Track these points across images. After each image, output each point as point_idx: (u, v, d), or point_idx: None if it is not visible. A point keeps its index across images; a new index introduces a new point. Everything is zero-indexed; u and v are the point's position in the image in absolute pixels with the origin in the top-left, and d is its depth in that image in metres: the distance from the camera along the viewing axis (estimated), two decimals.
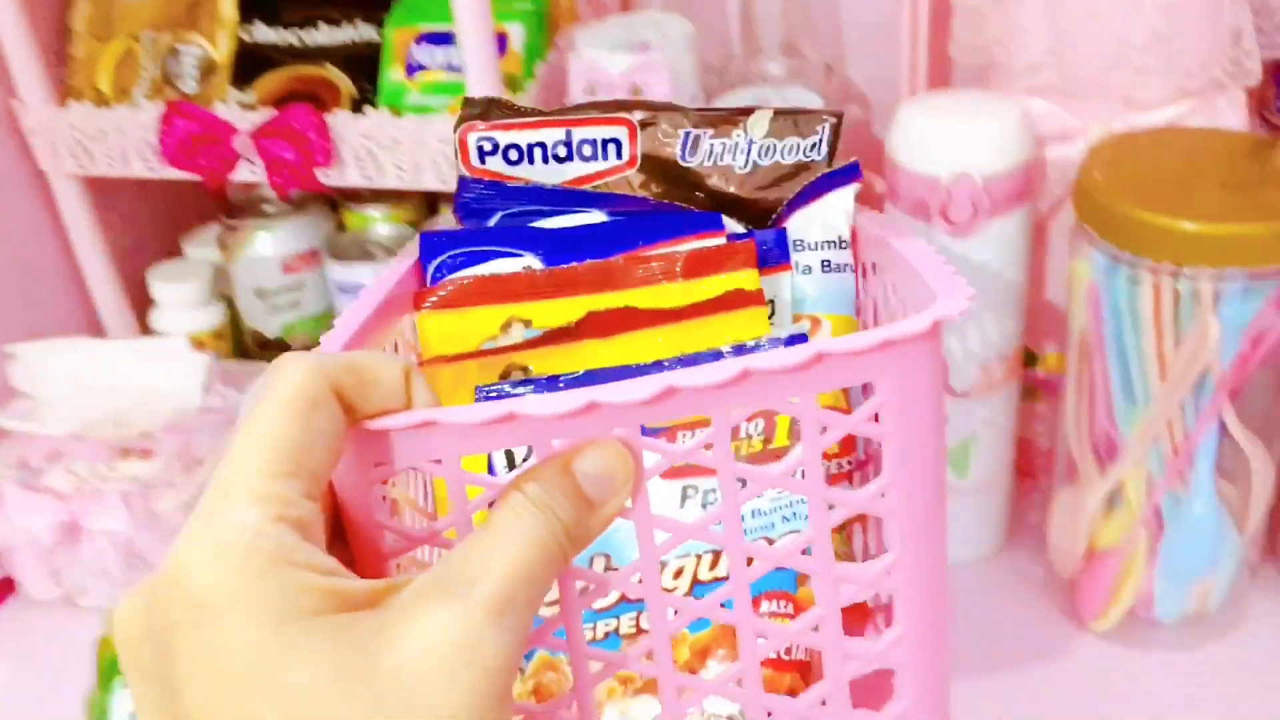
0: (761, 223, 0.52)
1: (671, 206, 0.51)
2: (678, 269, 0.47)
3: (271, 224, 0.85)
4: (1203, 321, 0.59)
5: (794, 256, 0.50)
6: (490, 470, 0.45)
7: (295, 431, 0.30)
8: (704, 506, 0.43)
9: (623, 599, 0.42)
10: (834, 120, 0.51)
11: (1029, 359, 0.75)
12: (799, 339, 0.38)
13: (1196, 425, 0.62)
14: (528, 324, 0.46)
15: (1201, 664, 0.69)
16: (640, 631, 0.42)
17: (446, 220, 0.79)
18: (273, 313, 0.86)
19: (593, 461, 0.33)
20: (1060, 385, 0.72)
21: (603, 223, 0.49)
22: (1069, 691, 0.68)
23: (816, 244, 0.50)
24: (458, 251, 0.48)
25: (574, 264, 0.47)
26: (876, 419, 0.35)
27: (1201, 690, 0.67)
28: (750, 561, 0.36)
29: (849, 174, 0.50)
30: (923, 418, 0.35)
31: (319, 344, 0.41)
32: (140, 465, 0.74)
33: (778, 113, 0.51)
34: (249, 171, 0.77)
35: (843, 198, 0.50)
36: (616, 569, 0.41)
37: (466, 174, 0.50)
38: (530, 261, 0.49)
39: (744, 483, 0.35)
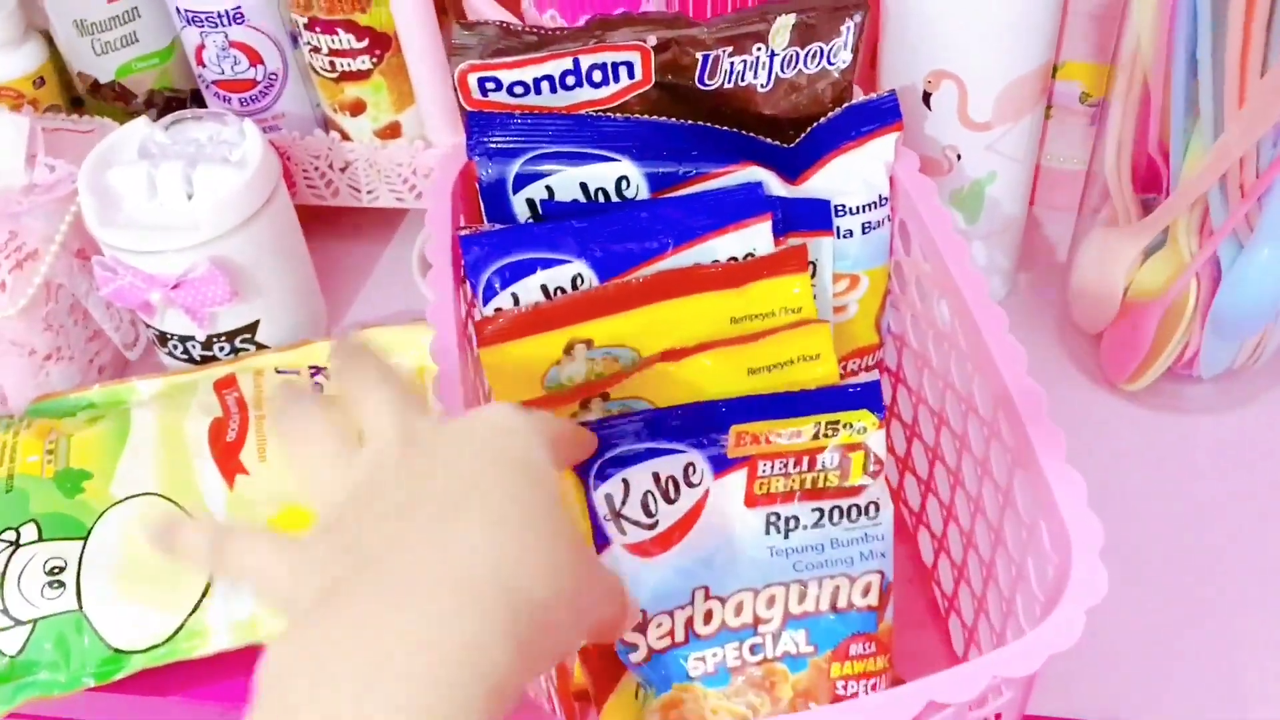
0: (786, 133, 0.51)
1: (695, 133, 0.50)
2: (730, 277, 0.48)
3: None
4: None
5: (836, 221, 0.50)
6: None
7: None
8: (786, 536, 0.44)
9: (723, 627, 0.43)
10: (859, 16, 0.50)
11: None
12: (870, 392, 0.44)
13: (1273, 163, 0.50)
14: (589, 344, 0.47)
15: (1245, 423, 0.61)
16: (745, 664, 0.43)
17: None
18: (103, 51, 0.68)
19: None
20: (1100, 108, 0.60)
21: (644, 212, 0.48)
22: (1095, 458, 0.59)
23: (858, 207, 0.50)
24: (504, 263, 0.48)
25: (627, 278, 0.48)
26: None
27: (1243, 452, 0.59)
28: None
29: (889, 115, 0.50)
30: None
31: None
32: None
33: (800, 20, 0.49)
34: None
35: (884, 147, 0.50)
36: (720, 599, 0.43)
37: (469, 108, 0.49)
38: (580, 269, 0.48)
39: None
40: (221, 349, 0.64)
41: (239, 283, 0.61)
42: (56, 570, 0.55)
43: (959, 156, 0.59)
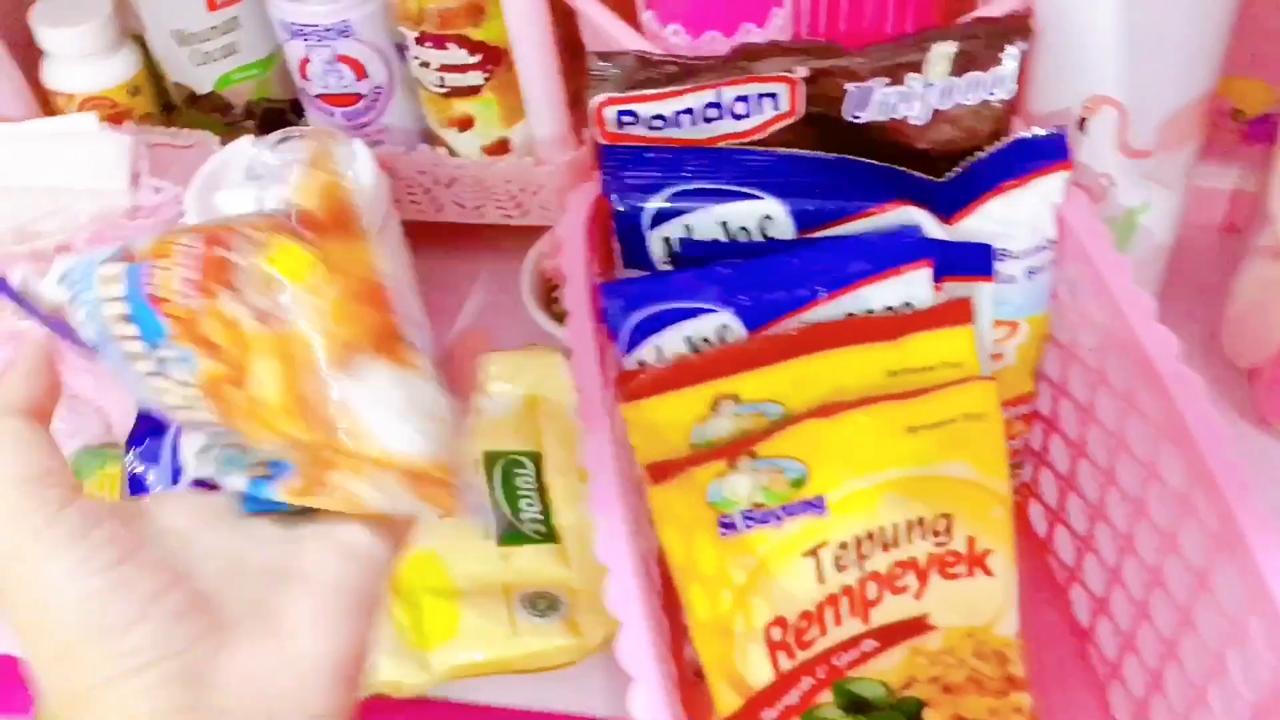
0: (938, 167, 0.48)
1: (844, 167, 0.47)
2: (888, 329, 0.45)
3: None
4: None
5: (997, 266, 0.47)
6: None
7: None
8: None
9: None
10: (1025, 42, 0.47)
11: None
12: None
13: None
14: (736, 399, 0.45)
15: None
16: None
17: None
18: (203, 62, 0.66)
19: None
20: (1254, 127, 0.56)
21: (793, 255, 0.45)
22: None
23: (1023, 252, 0.47)
24: (646, 314, 0.45)
25: (776, 329, 0.45)
26: None
27: None
28: None
29: (1056, 153, 0.46)
30: None
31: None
32: None
33: (959, 50, 0.46)
34: None
35: (1051, 187, 0.46)
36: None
37: (605, 141, 0.47)
38: (726, 319, 0.45)
39: None
40: None
41: None
42: None
43: (1113, 184, 0.55)
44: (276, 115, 0.69)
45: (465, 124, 0.63)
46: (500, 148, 0.64)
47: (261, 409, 0.30)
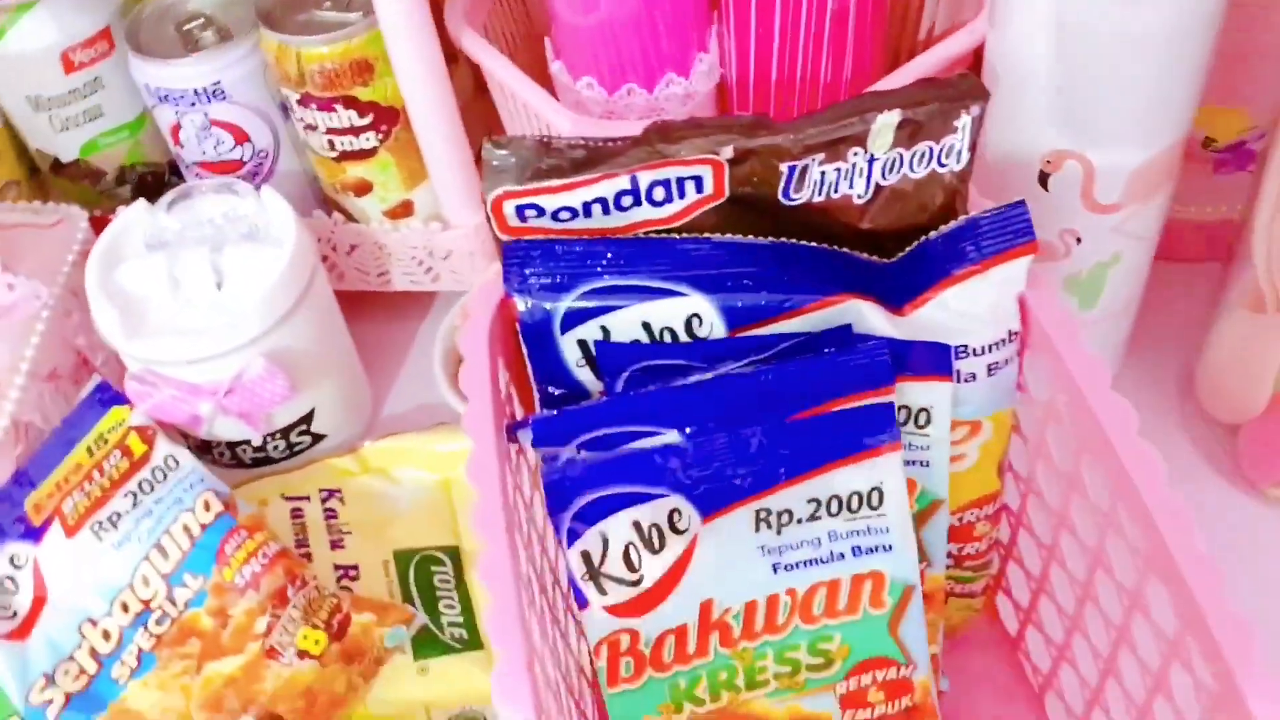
0: (889, 247, 0.43)
1: (780, 254, 0.42)
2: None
3: None
4: None
5: (957, 365, 0.42)
6: None
7: None
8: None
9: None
10: (979, 107, 0.41)
11: None
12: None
13: None
14: None
15: None
16: None
17: None
18: (64, 128, 0.59)
19: None
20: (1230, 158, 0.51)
21: (753, 433, 0.40)
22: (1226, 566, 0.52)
23: (984, 348, 0.42)
24: (590, 499, 0.40)
25: None
26: None
27: None
28: None
29: (1019, 232, 0.40)
30: None
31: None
32: None
33: (905, 119, 0.40)
34: None
35: (1013, 273, 0.41)
36: None
37: (504, 237, 0.42)
38: (677, 504, 0.40)
39: None
40: (276, 448, 0.56)
41: (293, 374, 0.53)
42: None
43: (1079, 240, 0.50)
44: (155, 180, 0.62)
45: (362, 189, 0.57)
46: (403, 210, 0.58)
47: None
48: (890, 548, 0.41)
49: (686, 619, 0.40)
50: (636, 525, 0.39)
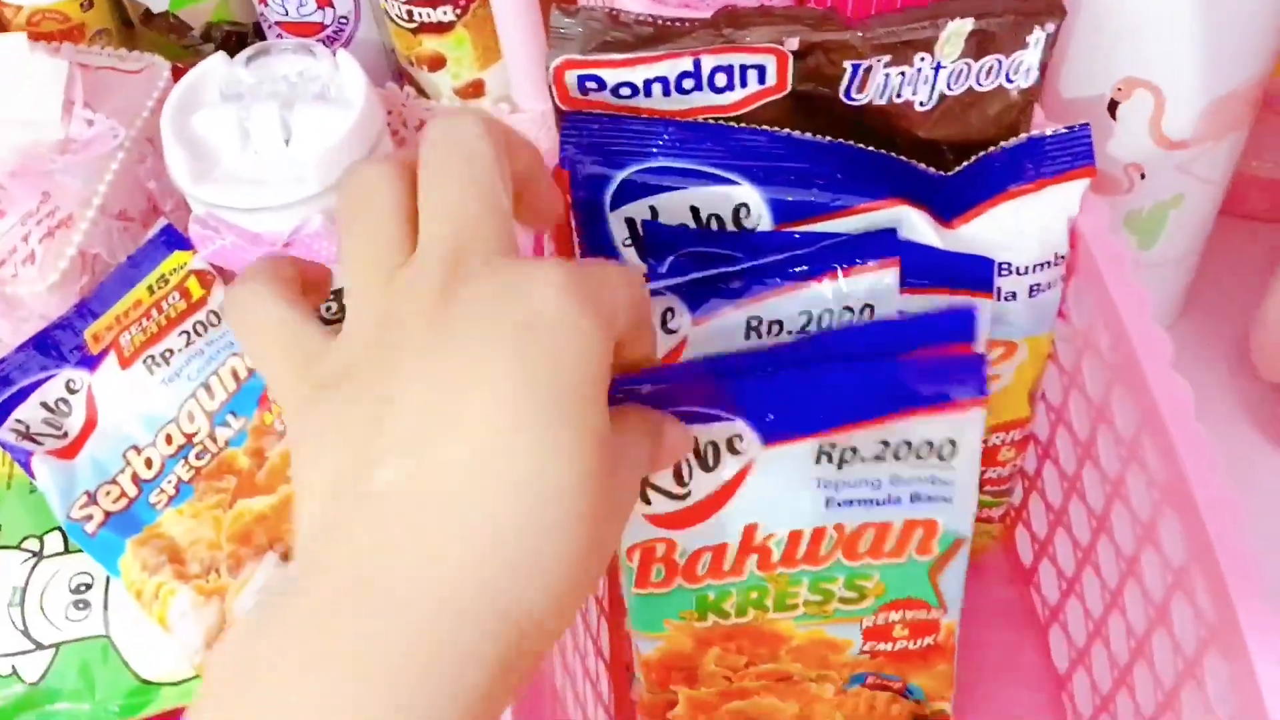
0: (943, 157, 0.42)
1: (836, 153, 0.41)
2: None
3: None
4: None
5: (998, 282, 0.41)
6: None
7: None
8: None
9: None
10: (1054, 24, 0.40)
11: None
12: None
13: None
14: None
15: None
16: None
17: None
18: None
19: None
20: None
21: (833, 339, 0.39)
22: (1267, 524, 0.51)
23: (1028, 267, 0.41)
24: None
25: None
26: None
27: None
28: None
29: (1079, 155, 0.39)
30: None
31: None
32: None
33: (976, 29, 0.40)
34: None
35: (1067, 196, 0.40)
36: None
37: (564, 107, 0.42)
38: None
39: None
40: (329, 309, 0.57)
41: None
42: (83, 588, 0.50)
43: (1142, 176, 0.49)
44: (238, 39, 0.63)
45: (436, 63, 0.58)
46: (474, 89, 0.59)
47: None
48: (950, 499, 0.39)
49: (728, 540, 0.40)
50: (694, 441, 0.38)
